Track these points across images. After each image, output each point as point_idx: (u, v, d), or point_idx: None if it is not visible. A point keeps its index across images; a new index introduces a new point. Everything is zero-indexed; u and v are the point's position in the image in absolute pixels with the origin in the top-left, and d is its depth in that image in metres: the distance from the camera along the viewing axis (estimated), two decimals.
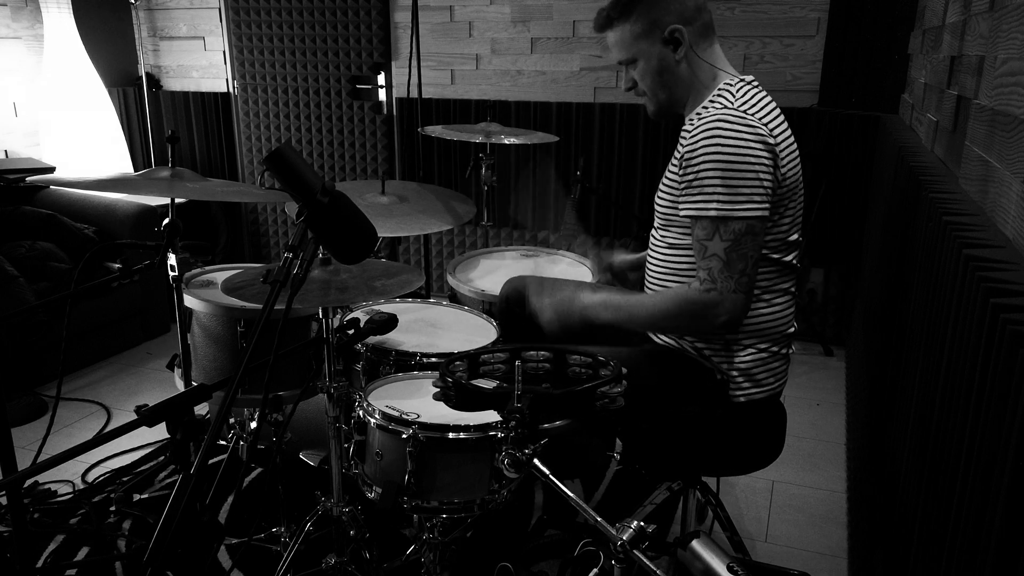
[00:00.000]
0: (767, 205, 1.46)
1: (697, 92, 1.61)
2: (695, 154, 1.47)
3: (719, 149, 1.44)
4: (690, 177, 1.48)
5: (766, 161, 1.46)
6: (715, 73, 1.61)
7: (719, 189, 1.44)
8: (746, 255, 1.46)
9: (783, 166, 1.50)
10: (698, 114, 1.57)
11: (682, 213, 1.52)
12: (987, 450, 0.84)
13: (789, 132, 1.55)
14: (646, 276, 1.74)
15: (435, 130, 2.69)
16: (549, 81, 3.75)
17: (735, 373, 1.61)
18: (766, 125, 1.48)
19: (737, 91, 1.54)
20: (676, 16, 1.55)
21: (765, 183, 1.45)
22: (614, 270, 2.02)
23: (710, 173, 1.45)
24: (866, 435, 2.17)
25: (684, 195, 1.50)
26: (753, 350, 1.60)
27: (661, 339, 1.69)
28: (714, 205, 1.45)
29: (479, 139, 2.59)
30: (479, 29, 3.81)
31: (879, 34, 3.18)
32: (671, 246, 1.64)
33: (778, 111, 1.55)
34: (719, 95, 1.56)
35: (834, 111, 3.30)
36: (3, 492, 2.05)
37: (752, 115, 1.48)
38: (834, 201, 3.38)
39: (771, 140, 1.47)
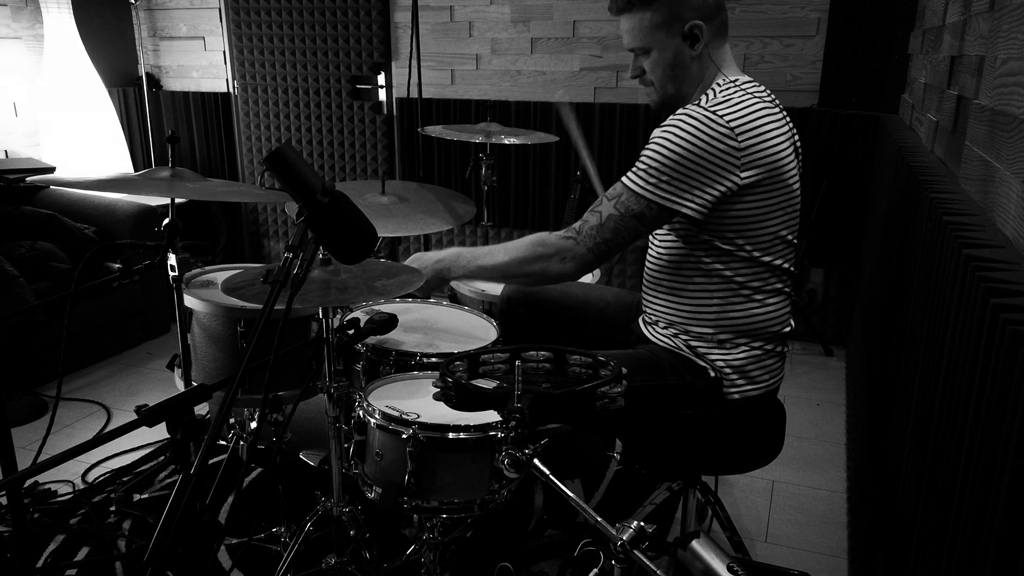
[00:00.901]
0: (684, 202, 1.48)
1: (700, 91, 1.60)
2: (652, 136, 1.51)
3: (665, 135, 1.48)
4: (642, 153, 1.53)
5: (715, 163, 1.46)
6: (716, 75, 1.60)
7: (648, 163, 1.49)
8: (619, 231, 1.52)
9: (757, 164, 1.48)
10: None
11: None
12: (987, 450, 0.84)
13: (782, 131, 1.54)
14: (645, 274, 1.74)
15: (435, 130, 2.69)
16: (549, 81, 3.75)
17: (729, 370, 1.61)
18: (742, 126, 1.46)
19: (720, 92, 1.53)
20: (697, 12, 1.54)
21: (697, 182, 1.46)
22: None
23: (647, 151, 1.50)
24: (866, 435, 2.17)
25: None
26: (746, 348, 1.61)
27: (655, 338, 1.69)
28: (633, 176, 1.51)
29: (479, 139, 2.59)
30: (479, 29, 3.81)
31: (879, 34, 3.18)
32: (665, 243, 1.64)
33: (767, 110, 1.52)
34: (699, 96, 1.57)
35: (834, 111, 3.30)
36: (3, 492, 2.05)
37: (721, 116, 1.46)
38: (834, 201, 3.38)
39: (734, 142, 1.46)
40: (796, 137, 1.63)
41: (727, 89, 1.54)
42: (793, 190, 1.56)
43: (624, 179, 1.53)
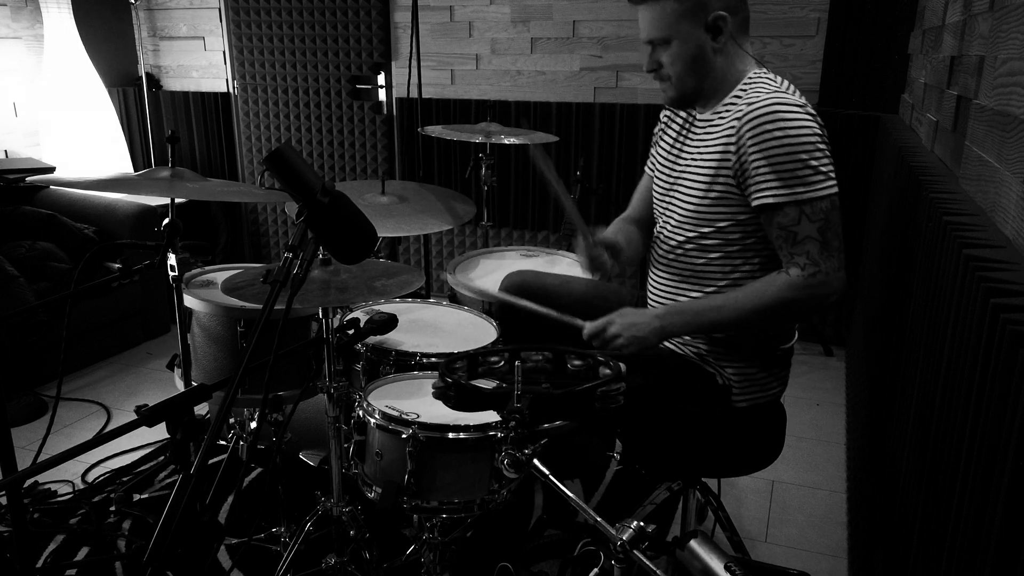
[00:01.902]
0: (836, 180, 1.45)
1: (723, 86, 1.56)
2: (757, 140, 1.42)
3: (786, 131, 1.40)
4: (757, 164, 1.43)
5: (825, 138, 1.45)
6: (744, 69, 1.56)
7: (797, 172, 1.41)
8: (837, 232, 1.46)
9: None
10: (732, 103, 1.52)
11: (754, 203, 1.46)
12: (987, 450, 0.84)
13: None
14: (651, 282, 1.73)
15: (435, 130, 2.69)
16: (549, 81, 3.75)
17: (739, 378, 1.60)
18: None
19: (775, 79, 1.52)
20: (723, 3, 1.50)
21: (830, 158, 1.45)
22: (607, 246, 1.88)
23: (783, 157, 1.41)
24: (866, 435, 2.17)
25: (750, 185, 1.46)
26: (756, 355, 1.60)
27: (664, 344, 1.68)
28: (799, 189, 1.41)
29: (479, 139, 2.59)
30: (479, 29, 3.81)
31: (879, 34, 3.18)
32: (694, 242, 1.59)
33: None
34: (755, 84, 1.51)
35: (834, 111, 3.30)
36: (3, 492, 2.05)
37: (798, 100, 1.46)
38: None
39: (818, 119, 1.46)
40: None
41: (776, 81, 1.53)
42: None
43: (782, 199, 1.43)
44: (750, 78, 1.54)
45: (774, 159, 1.42)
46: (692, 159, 1.60)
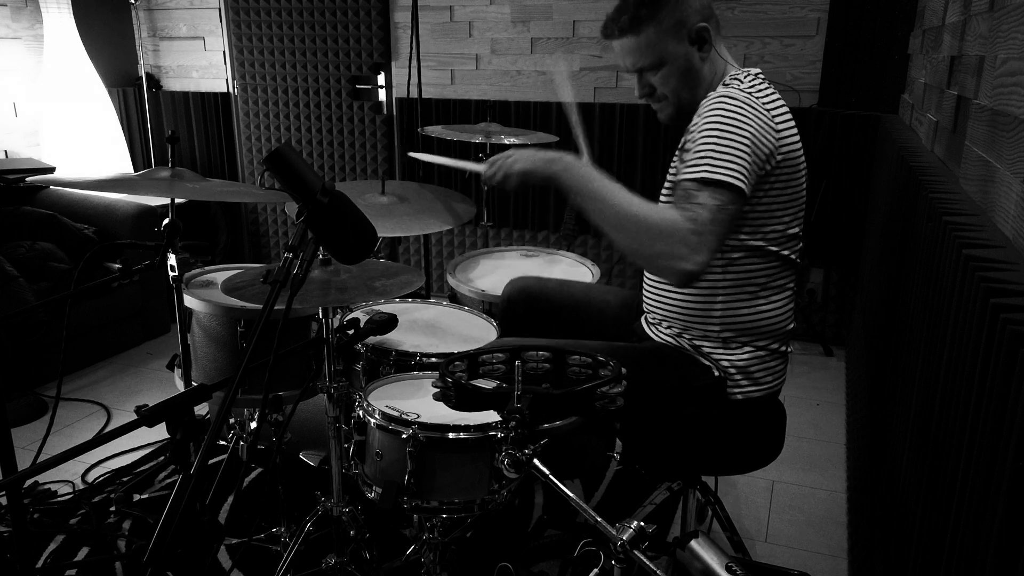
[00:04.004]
0: (749, 182, 1.41)
1: (709, 91, 1.58)
2: (697, 128, 1.44)
3: (718, 117, 1.41)
4: (691, 148, 1.44)
5: (764, 142, 1.43)
6: (726, 68, 1.61)
7: (711, 153, 1.38)
8: (727, 221, 1.38)
9: (781, 153, 1.48)
10: (704, 103, 1.54)
11: (677, 179, 1.45)
12: (987, 450, 0.84)
13: (794, 125, 1.54)
14: (647, 273, 1.74)
15: (435, 130, 2.69)
16: (549, 81, 3.75)
17: (733, 371, 1.61)
18: (774, 111, 1.48)
19: (744, 78, 1.54)
20: (699, 14, 1.53)
21: (756, 160, 1.42)
22: None
23: (706, 139, 1.40)
24: (866, 435, 2.17)
25: (682, 167, 1.45)
26: (751, 348, 1.60)
27: (658, 337, 1.69)
28: (704, 166, 1.38)
29: (479, 139, 2.60)
30: (479, 29, 3.81)
31: (879, 34, 3.18)
32: None
33: (783, 104, 1.54)
34: (727, 84, 1.55)
35: (834, 111, 3.30)
36: (3, 492, 2.05)
37: (758, 99, 1.47)
38: (834, 201, 3.38)
39: (771, 125, 1.46)
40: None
41: (749, 78, 1.54)
42: (803, 183, 1.57)
43: (690, 175, 1.39)
44: (725, 83, 1.56)
45: (698, 142, 1.41)
46: (671, 162, 1.64)
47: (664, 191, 1.65)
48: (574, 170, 1.48)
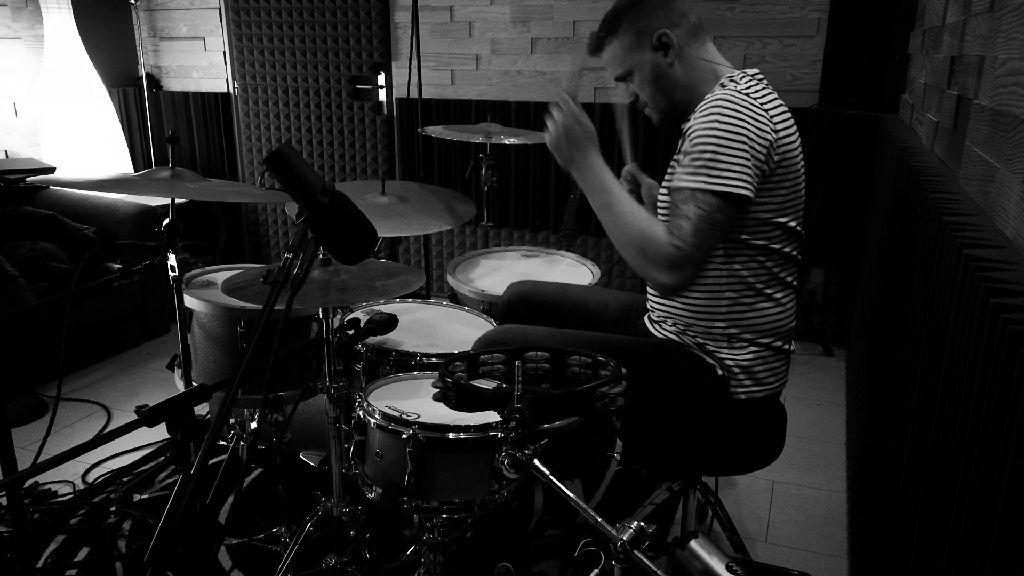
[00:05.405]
0: (753, 185, 1.45)
1: (697, 92, 1.61)
2: (693, 133, 1.47)
3: (715, 123, 1.44)
4: (687, 152, 1.48)
5: (761, 141, 1.45)
6: (714, 70, 1.61)
7: (709, 160, 1.44)
8: (709, 233, 1.45)
9: (780, 152, 1.49)
10: (701, 107, 1.56)
11: (672, 184, 1.51)
12: (987, 450, 0.84)
13: (792, 123, 1.54)
14: None
15: (435, 130, 2.69)
16: (549, 81, 3.75)
17: (737, 370, 1.61)
18: (767, 111, 1.48)
19: (740, 79, 1.55)
20: (661, 21, 1.58)
21: (757, 162, 1.45)
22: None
23: (701, 147, 1.44)
24: (866, 435, 2.17)
25: (680, 169, 1.50)
26: (756, 347, 1.60)
27: (663, 333, 1.69)
28: (702, 175, 1.44)
29: (479, 139, 2.60)
30: (479, 29, 3.81)
31: (879, 34, 3.18)
32: None
33: (780, 103, 1.54)
34: (723, 86, 1.56)
35: (834, 111, 3.30)
36: (3, 492, 2.05)
37: (754, 99, 1.48)
38: (834, 201, 3.38)
39: (769, 124, 1.47)
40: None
41: (745, 79, 1.55)
42: (802, 183, 1.59)
43: (683, 184, 1.46)
44: (723, 81, 1.57)
45: (694, 149, 1.46)
46: (669, 167, 1.64)
47: (662, 191, 1.65)
48: (585, 169, 1.66)
